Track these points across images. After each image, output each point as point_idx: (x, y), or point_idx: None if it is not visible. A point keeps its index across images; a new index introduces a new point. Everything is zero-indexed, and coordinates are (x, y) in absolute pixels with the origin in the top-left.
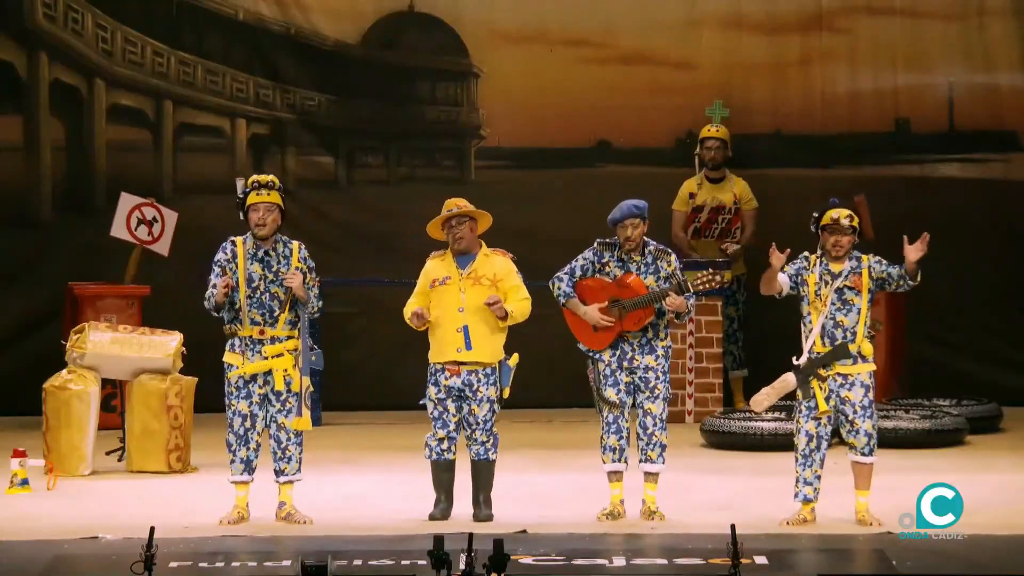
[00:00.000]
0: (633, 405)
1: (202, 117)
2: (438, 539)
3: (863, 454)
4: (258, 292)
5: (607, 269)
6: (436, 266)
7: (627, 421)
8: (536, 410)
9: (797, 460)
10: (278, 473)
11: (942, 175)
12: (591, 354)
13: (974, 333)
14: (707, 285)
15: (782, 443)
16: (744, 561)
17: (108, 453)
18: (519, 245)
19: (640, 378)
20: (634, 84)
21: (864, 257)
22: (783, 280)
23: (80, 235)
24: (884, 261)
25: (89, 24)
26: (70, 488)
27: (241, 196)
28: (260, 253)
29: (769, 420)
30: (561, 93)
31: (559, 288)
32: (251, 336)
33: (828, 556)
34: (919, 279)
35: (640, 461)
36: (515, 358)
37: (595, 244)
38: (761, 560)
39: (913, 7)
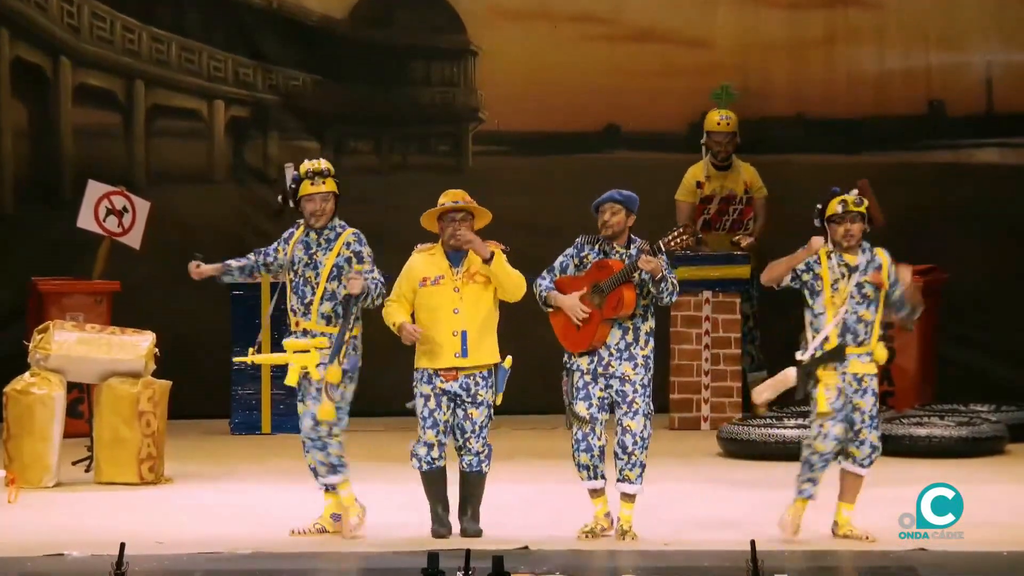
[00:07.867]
0: (611, 412)
1: (177, 99)
2: (432, 556)
3: (862, 465)
4: (296, 276)
5: (587, 262)
6: (425, 263)
7: (598, 438)
8: (539, 416)
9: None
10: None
11: (979, 161)
12: (567, 364)
13: (1013, 333)
14: (676, 243)
15: None
16: None
17: (75, 463)
18: (519, 237)
19: (617, 391)
20: (644, 64)
21: (879, 251)
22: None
23: (45, 227)
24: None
25: None
26: (33, 501)
27: (292, 185)
28: (306, 238)
29: (791, 427)
30: (566, 73)
31: (539, 286)
32: (291, 328)
33: (856, 574)
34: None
35: (617, 480)
36: (508, 360)
37: (578, 239)
38: None
39: None
